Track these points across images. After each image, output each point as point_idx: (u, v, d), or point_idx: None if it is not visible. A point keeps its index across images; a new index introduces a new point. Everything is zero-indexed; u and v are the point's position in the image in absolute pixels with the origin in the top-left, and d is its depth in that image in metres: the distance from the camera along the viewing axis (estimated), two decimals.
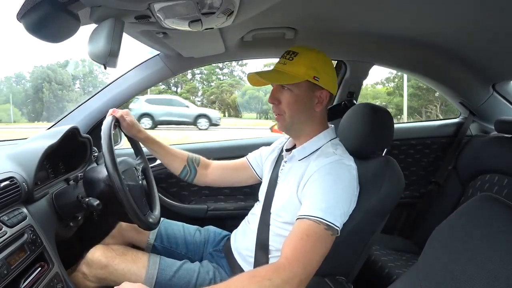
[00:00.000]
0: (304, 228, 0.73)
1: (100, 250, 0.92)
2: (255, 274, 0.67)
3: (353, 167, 0.83)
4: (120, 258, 0.91)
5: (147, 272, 0.89)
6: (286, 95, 0.86)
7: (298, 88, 0.85)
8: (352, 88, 1.52)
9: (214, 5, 0.63)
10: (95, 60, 0.63)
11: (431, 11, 0.91)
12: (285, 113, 0.87)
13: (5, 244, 0.67)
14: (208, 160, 1.17)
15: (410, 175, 1.67)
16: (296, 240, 0.72)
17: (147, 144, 1.09)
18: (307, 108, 0.87)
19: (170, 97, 10.85)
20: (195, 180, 1.13)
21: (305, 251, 0.70)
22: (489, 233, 0.50)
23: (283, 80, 0.85)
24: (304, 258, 0.70)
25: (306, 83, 0.85)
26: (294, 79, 0.84)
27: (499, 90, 1.47)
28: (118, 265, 0.89)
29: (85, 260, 0.92)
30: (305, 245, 0.71)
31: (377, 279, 1.22)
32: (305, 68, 0.83)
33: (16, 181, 0.77)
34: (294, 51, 0.86)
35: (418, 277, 0.58)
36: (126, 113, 1.02)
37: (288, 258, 0.70)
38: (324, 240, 0.73)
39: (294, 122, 0.88)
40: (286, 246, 0.73)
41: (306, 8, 0.96)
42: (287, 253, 0.71)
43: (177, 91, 15.77)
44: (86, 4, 0.60)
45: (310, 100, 0.87)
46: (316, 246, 0.72)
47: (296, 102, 0.86)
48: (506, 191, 1.23)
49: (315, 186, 0.78)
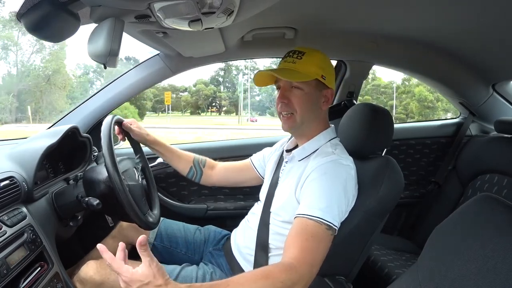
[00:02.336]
0: (308, 228, 0.73)
1: (93, 267, 0.87)
2: (268, 275, 0.66)
3: (351, 167, 0.84)
4: (115, 274, 0.88)
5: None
6: (296, 94, 0.86)
7: (308, 86, 0.86)
8: (352, 88, 1.52)
9: (214, 4, 0.63)
10: (95, 59, 0.63)
11: (431, 11, 0.91)
12: (296, 112, 0.87)
13: (5, 244, 0.67)
14: (214, 161, 1.20)
15: (410, 175, 1.67)
16: (302, 241, 0.72)
17: (154, 146, 1.12)
18: (315, 106, 0.88)
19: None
20: (202, 180, 1.16)
21: (311, 252, 0.71)
22: (488, 233, 0.50)
23: (296, 77, 0.85)
24: (310, 259, 0.71)
25: (315, 81, 0.86)
26: (306, 77, 0.85)
27: (499, 90, 1.47)
28: (115, 282, 0.85)
29: (78, 278, 0.87)
30: (311, 246, 0.72)
31: (376, 279, 1.22)
32: (315, 67, 0.85)
33: (16, 180, 0.77)
34: (301, 51, 0.87)
35: (417, 277, 0.58)
36: (132, 122, 1.07)
37: (298, 259, 0.69)
38: (325, 240, 0.74)
39: (304, 121, 0.88)
40: (292, 246, 0.73)
41: (306, 8, 0.96)
42: (296, 254, 0.70)
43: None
44: (86, 3, 0.60)
45: (318, 99, 0.88)
46: (320, 246, 0.73)
47: (307, 101, 0.87)
48: (506, 191, 1.23)
49: (313, 186, 0.79)
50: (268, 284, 0.65)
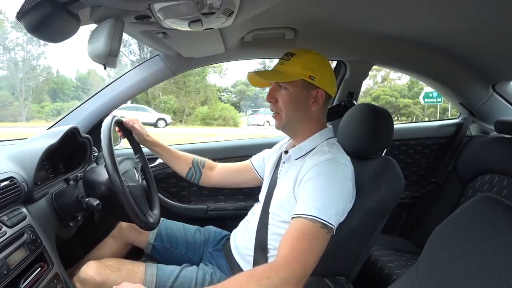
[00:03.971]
0: (300, 227, 0.74)
1: (93, 268, 0.87)
2: (252, 274, 0.68)
3: (347, 166, 0.84)
4: (116, 275, 0.87)
5: (145, 285, 0.86)
6: (282, 94, 0.89)
7: (293, 87, 0.87)
8: (352, 88, 1.52)
9: (214, 5, 0.63)
10: (95, 60, 0.63)
11: (431, 11, 0.91)
12: (281, 111, 0.89)
13: (5, 244, 0.67)
14: (214, 162, 1.20)
15: (410, 175, 1.67)
16: (293, 240, 0.73)
17: (153, 147, 1.13)
18: (302, 107, 0.89)
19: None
20: (201, 181, 1.17)
21: (302, 250, 0.71)
22: (489, 234, 0.50)
23: (278, 78, 0.88)
24: (301, 257, 0.71)
25: (302, 82, 0.86)
26: (289, 77, 0.86)
27: (499, 90, 1.47)
28: (115, 282, 0.83)
29: (78, 278, 0.87)
30: (301, 244, 0.72)
31: (377, 279, 1.22)
32: (301, 68, 0.86)
33: (16, 181, 0.77)
34: (292, 53, 0.89)
35: (418, 277, 0.58)
36: (135, 121, 1.08)
37: (285, 257, 0.70)
38: (320, 238, 0.74)
39: (290, 121, 0.90)
40: (282, 245, 0.73)
41: (306, 8, 0.96)
42: (284, 252, 0.71)
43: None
44: (86, 4, 0.60)
45: (306, 99, 0.88)
46: (312, 244, 0.72)
47: (291, 101, 0.88)
48: (506, 192, 1.23)
49: (309, 185, 0.79)
50: (252, 281, 0.66)
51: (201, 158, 1.19)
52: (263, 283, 0.65)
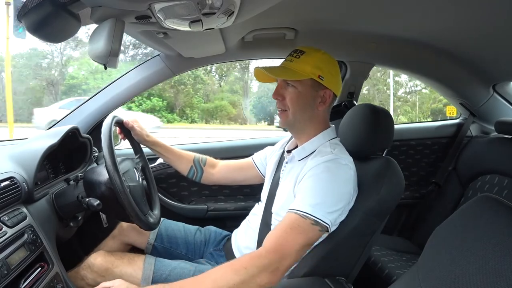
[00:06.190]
0: (290, 221, 0.75)
1: (101, 255, 0.93)
2: (233, 263, 0.71)
3: (349, 166, 0.83)
4: (118, 261, 0.92)
5: (143, 273, 0.90)
6: (290, 91, 0.87)
7: (302, 85, 0.86)
8: (352, 88, 1.52)
9: (214, 5, 0.63)
10: (96, 60, 0.63)
11: (431, 12, 0.91)
12: (288, 109, 0.88)
13: (5, 244, 0.67)
14: (215, 160, 1.20)
15: (410, 175, 1.67)
16: (280, 232, 0.74)
17: (154, 147, 1.13)
18: (310, 106, 0.88)
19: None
20: (203, 179, 1.16)
21: (285, 241, 0.72)
22: (489, 234, 0.50)
23: (288, 76, 0.86)
24: (282, 247, 0.71)
25: (311, 81, 0.86)
26: (299, 75, 0.85)
27: (499, 91, 1.47)
28: (116, 268, 0.91)
29: (87, 264, 0.93)
30: (286, 236, 0.73)
31: (377, 279, 1.22)
32: (311, 67, 0.85)
33: (16, 181, 0.77)
34: (302, 50, 0.87)
35: (418, 278, 0.58)
36: (134, 121, 1.08)
37: (266, 247, 0.72)
38: (308, 234, 0.74)
39: (297, 119, 0.89)
40: (268, 236, 0.75)
41: (307, 8, 0.96)
42: (266, 243, 0.73)
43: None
44: (87, 4, 0.60)
45: (313, 99, 0.88)
46: (297, 238, 0.73)
47: (299, 99, 0.87)
48: (506, 192, 1.23)
49: (308, 183, 0.79)
50: (231, 270, 0.68)
51: (202, 156, 1.18)
52: (241, 273, 0.68)
